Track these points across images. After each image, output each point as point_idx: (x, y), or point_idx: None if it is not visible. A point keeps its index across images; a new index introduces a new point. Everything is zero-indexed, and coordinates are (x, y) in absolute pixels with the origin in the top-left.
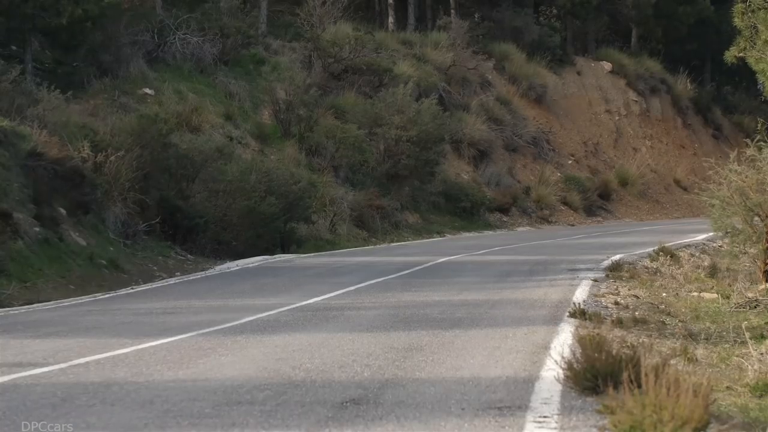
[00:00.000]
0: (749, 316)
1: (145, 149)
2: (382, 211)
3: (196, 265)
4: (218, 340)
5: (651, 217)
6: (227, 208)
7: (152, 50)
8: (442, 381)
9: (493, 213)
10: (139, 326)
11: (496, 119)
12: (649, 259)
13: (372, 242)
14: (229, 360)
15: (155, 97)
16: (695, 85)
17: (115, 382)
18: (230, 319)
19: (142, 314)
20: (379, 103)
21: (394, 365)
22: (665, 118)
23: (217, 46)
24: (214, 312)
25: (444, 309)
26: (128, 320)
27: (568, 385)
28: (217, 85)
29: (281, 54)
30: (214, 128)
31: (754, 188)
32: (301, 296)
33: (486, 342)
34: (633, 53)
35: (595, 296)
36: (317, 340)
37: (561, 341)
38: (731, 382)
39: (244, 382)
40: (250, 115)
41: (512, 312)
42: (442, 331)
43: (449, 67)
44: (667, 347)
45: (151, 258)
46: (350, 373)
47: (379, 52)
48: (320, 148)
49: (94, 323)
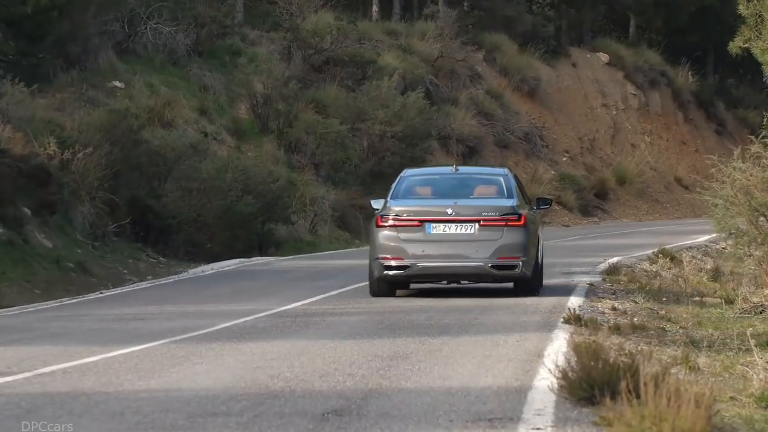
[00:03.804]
0: (754, 322)
1: (115, 146)
2: (365, 211)
3: (168, 269)
4: (192, 348)
5: (650, 218)
6: (202, 208)
7: (122, 41)
8: (430, 391)
9: None
10: (109, 333)
11: (486, 114)
12: (648, 261)
13: (355, 244)
14: (203, 369)
15: (125, 91)
16: (697, 77)
17: (83, 392)
18: (205, 325)
19: (111, 320)
20: (363, 96)
21: (379, 374)
22: (665, 112)
23: (191, 37)
24: (188, 318)
25: (431, 315)
26: (97, 327)
27: (563, 396)
28: (191, 78)
29: (259, 45)
30: (188, 123)
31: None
32: (279, 301)
33: (476, 350)
34: (631, 44)
35: (591, 301)
36: (297, 348)
37: (555, 349)
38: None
39: (219, 392)
40: (225, 110)
41: (503, 318)
42: (429, 338)
43: (437, 58)
44: (668, 355)
45: (121, 261)
46: (332, 383)
47: (363, 42)
48: (300, 145)
49: (61, 330)
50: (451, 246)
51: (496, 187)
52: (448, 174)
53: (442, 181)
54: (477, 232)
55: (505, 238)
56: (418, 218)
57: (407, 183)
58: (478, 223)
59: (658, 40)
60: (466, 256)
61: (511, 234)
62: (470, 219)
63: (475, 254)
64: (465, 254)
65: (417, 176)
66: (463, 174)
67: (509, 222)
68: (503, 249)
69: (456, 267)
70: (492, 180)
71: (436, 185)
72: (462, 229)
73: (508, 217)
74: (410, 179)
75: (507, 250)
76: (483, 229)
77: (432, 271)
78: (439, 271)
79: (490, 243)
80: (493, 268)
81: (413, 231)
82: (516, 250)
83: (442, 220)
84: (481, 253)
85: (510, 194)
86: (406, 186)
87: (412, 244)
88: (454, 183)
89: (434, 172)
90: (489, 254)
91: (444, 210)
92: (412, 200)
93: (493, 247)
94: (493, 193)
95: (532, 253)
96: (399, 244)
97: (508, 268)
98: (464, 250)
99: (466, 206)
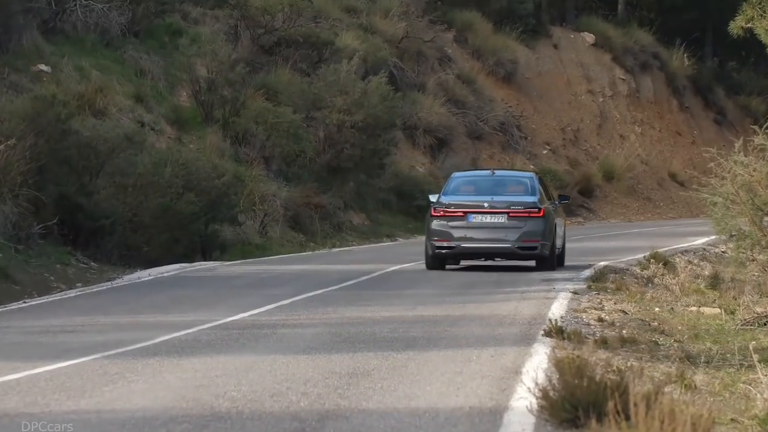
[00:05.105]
0: (758, 334)
1: (41, 137)
2: (321, 210)
3: (100, 275)
4: (127, 364)
5: (641, 218)
6: (138, 207)
7: (48, 20)
8: (394, 412)
9: None
10: (33, 347)
11: (457, 101)
12: (639, 267)
13: (310, 247)
14: (140, 387)
15: (52, 75)
16: (694, 60)
17: (5, 413)
18: (142, 338)
19: (36, 333)
20: (319, 82)
21: (337, 393)
22: (658, 99)
23: (126, 15)
24: (123, 330)
25: (395, 327)
26: (20, 340)
27: (543, 417)
28: (126, 61)
29: (202, 24)
30: (123, 112)
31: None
32: (225, 311)
33: (445, 366)
34: (620, 23)
35: (575, 311)
36: (245, 364)
37: (534, 365)
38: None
39: (158, 413)
40: (165, 97)
41: (476, 330)
42: (393, 352)
43: (402, 39)
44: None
45: (47, 266)
46: (284, 403)
47: (319, 21)
48: (248, 136)
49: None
50: (486, 231)
51: (524, 186)
52: (487, 176)
53: (482, 182)
54: (506, 221)
55: (528, 225)
56: (462, 210)
57: (456, 183)
58: (508, 214)
59: (650, 18)
60: (498, 239)
61: (533, 223)
62: (501, 211)
63: (505, 238)
64: (497, 238)
65: (463, 177)
66: (499, 176)
67: (531, 214)
68: (526, 234)
69: (490, 247)
70: (521, 181)
71: (478, 185)
72: (495, 219)
73: (531, 210)
74: (458, 180)
75: (529, 235)
76: (511, 219)
77: (472, 250)
78: (477, 251)
79: (517, 229)
80: (518, 249)
81: (458, 219)
82: (536, 235)
83: (480, 211)
84: (509, 237)
85: (533, 192)
86: (455, 185)
87: (456, 229)
88: (492, 183)
89: (477, 174)
90: (515, 238)
91: (481, 203)
92: (458, 196)
93: (518, 233)
94: (521, 191)
95: (550, 238)
96: (447, 230)
97: (530, 248)
98: (497, 235)
99: (499, 201)
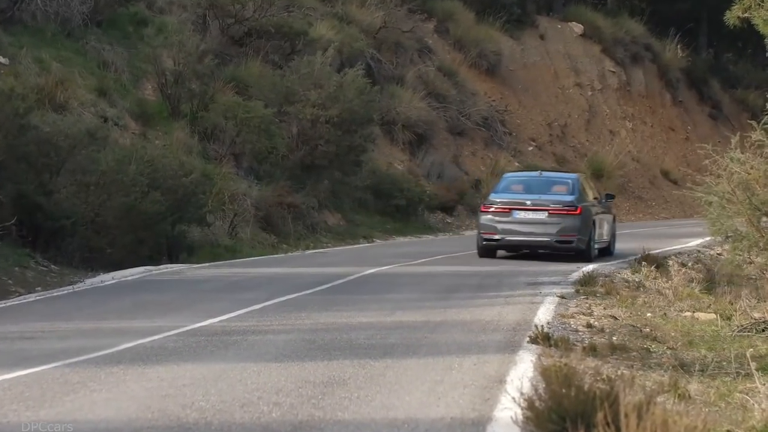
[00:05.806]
0: (755, 341)
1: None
2: (294, 210)
3: (61, 278)
4: (90, 372)
5: (632, 218)
6: (101, 207)
7: (6, 9)
8: (371, 423)
9: (434, 212)
10: None
11: (437, 95)
12: (629, 270)
13: (282, 249)
14: (103, 397)
15: (10, 68)
16: (688, 52)
17: None
18: (105, 345)
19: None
20: (292, 75)
21: (310, 404)
22: (650, 93)
23: (88, 4)
24: (85, 337)
25: (373, 333)
26: None
27: (529, 429)
28: (88, 53)
29: (168, 13)
30: (85, 106)
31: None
32: (193, 317)
33: (425, 374)
34: (610, 12)
35: (562, 317)
36: (213, 373)
37: (520, 373)
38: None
39: (122, 424)
40: (129, 90)
41: (458, 337)
42: (370, 360)
43: (379, 29)
44: (653, 381)
45: (4, 269)
46: (255, 414)
47: (292, 10)
48: (217, 132)
49: None
50: (528, 226)
51: (566, 186)
52: (535, 177)
53: (530, 182)
54: (546, 217)
55: (565, 222)
56: (508, 207)
57: (506, 182)
58: (548, 211)
59: (642, 8)
60: (538, 233)
61: (570, 219)
62: (542, 208)
63: (544, 232)
64: (537, 232)
65: (514, 177)
66: (545, 177)
67: (569, 211)
68: (564, 229)
69: (531, 241)
70: (564, 182)
71: (526, 184)
72: (536, 215)
73: (569, 208)
74: (508, 179)
75: (566, 230)
76: (551, 216)
77: (515, 243)
78: (519, 243)
79: (555, 225)
80: (556, 242)
81: (504, 215)
82: (573, 230)
83: (523, 209)
84: (548, 231)
85: (573, 192)
86: (505, 184)
87: (502, 224)
88: (538, 183)
89: (526, 175)
90: (554, 232)
91: (525, 202)
92: (506, 194)
93: (557, 228)
94: (563, 191)
95: (586, 233)
96: (494, 224)
97: (567, 242)
98: (537, 230)
99: (540, 199)
